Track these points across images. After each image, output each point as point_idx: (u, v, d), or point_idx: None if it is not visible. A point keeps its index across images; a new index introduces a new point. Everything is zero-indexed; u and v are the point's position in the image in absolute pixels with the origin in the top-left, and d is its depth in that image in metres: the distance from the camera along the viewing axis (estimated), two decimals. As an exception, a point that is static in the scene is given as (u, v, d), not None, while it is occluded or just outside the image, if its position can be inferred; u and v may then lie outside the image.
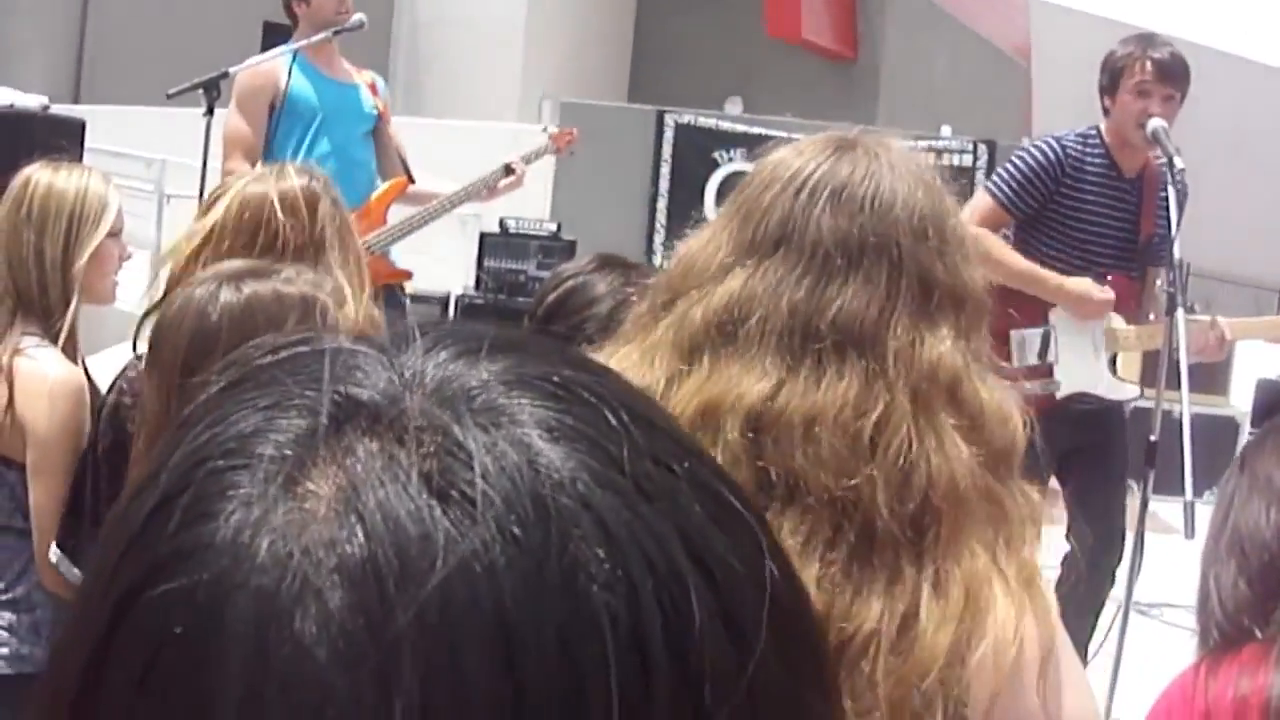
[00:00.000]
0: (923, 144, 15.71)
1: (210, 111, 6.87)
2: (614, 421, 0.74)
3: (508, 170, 7.38)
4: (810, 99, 26.59)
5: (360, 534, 0.67)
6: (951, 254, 1.97)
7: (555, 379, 0.75)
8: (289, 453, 0.71)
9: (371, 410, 0.72)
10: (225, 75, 6.96)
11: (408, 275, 7.37)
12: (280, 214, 3.85)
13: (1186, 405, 5.33)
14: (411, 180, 7.43)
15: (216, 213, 3.95)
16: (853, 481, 1.81)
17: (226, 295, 2.98)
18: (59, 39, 28.24)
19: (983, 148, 15.47)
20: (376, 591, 0.66)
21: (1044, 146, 6.43)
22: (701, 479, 0.76)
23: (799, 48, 28.91)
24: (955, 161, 15.55)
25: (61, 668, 0.73)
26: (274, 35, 7.55)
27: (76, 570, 3.84)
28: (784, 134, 15.62)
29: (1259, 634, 2.74)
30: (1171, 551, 6.29)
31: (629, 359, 1.97)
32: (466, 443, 0.70)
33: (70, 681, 0.71)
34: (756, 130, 15.13)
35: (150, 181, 16.96)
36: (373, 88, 7.56)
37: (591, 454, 0.71)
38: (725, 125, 15.25)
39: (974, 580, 1.81)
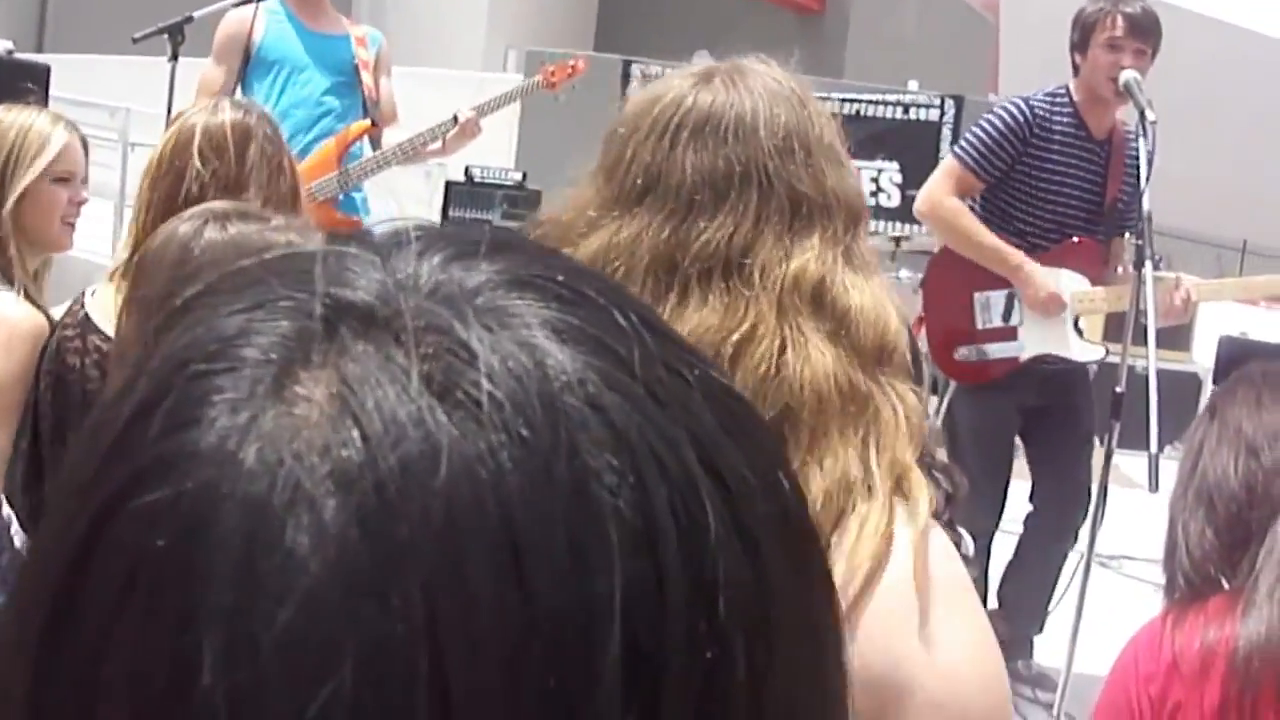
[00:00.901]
0: (890, 97, 15.73)
1: (175, 57, 6.83)
2: (624, 324, 0.71)
3: (454, 120, 7.32)
4: (777, 53, 26.56)
5: (357, 438, 0.64)
6: (818, 163, 1.97)
7: (559, 279, 0.72)
8: (276, 355, 0.67)
9: (365, 311, 0.69)
10: (190, 20, 6.93)
11: (355, 224, 7.27)
12: (202, 148, 3.85)
13: (1153, 358, 5.33)
14: (375, 126, 7.37)
15: (155, 148, 3.95)
16: None
17: (211, 233, 2.97)
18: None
19: (950, 102, 15.40)
20: (375, 499, 0.63)
21: (1011, 108, 6.43)
22: (713, 388, 0.74)
23: (766, 2, 28.84)
24: (922, 116, 15.51)
25: (30, 592, 0.69)
26: (244, -15, 7.45)
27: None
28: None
29: (1225, 584, 2.78)
30: (1133, 505, 6.34)
31: None
32: (470, 342, 0.67)
33: (41, 606, 0.67)
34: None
35: (115, 130, 16.89)
36: (361, 41, 7.49)
37: (601, 356, 0.69)
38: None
39: (835, 482, 1.80)
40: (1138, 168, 5.80)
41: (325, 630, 0.61)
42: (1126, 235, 6.34)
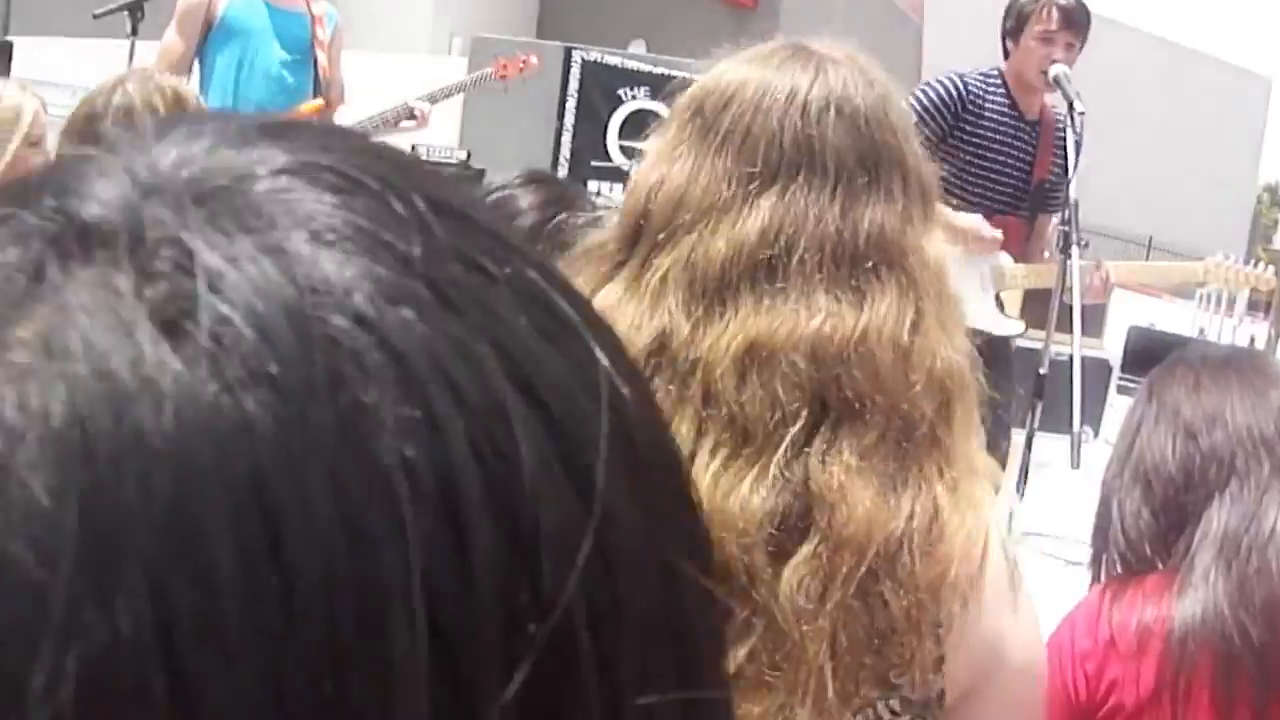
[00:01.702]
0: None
1: (134, 34, 6.76)
2: (404, 212, 0.55)
3: (410, 114, 7.26)
4: (711, 43, 26.61)
5: (63, 391, 0.49)
6: (919, 149, 1.92)
7: (334, 165, 0.56)
8: None
9: (94, 229, 0.53)
10: (149, -2, 6.85)
11: None
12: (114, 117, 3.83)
13: (1078, 341, 5.36)
14: (328, 105, 7.34)
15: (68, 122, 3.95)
16: (910, 393, 1.74)
17: None
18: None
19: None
20: (85, 466, 0.48)
21: (945, 81, 6.41)
22: (528, 283, 0.58)
23: (701, -5, 28.95)
24: (848, 109, 15.59)
25: None
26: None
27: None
28: (687, 75, 15.54)
29: (1160, 564, 2.75)
30: (1048, 484, 6.32)
31: (611, 297, 1.81)
32: (201, 254, 0.51)
33: None
34: (660, 70, 15.05)
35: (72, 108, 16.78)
36: (319, 20, 7.45)
37: (375, 257, 0.53)
38: (631, 64, 15.16)
39: (969, 472, 1.77)
40: (1065, 152, 5.79)
41: (40, 629, 0.46)
42: (1054, 220, 6.33)
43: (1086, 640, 2.73)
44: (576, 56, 14.36)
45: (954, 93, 6.31)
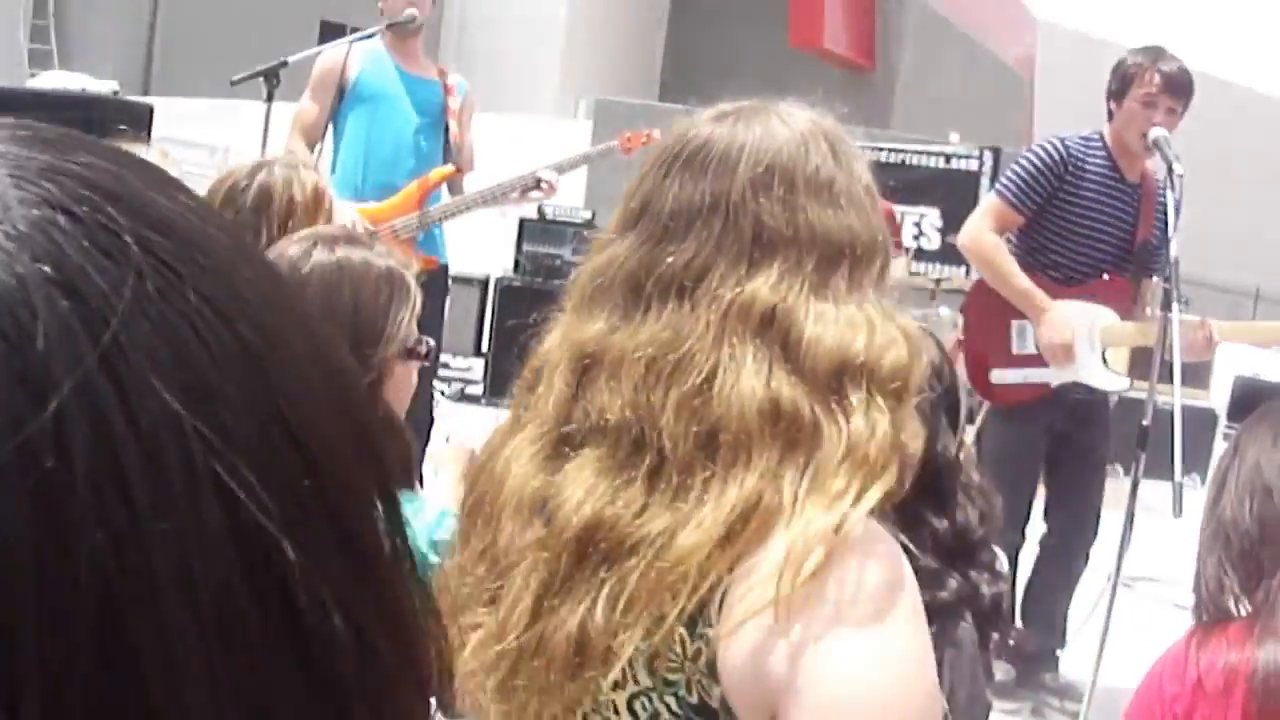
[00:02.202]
0: (933, 148, 15.71)
1: (269, 99, 6.85)
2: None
3: (537, 183, 7.28)
4: (830, 105, 26.58)
5: None
6: (798, 198, 1.93)
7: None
8: None
9: None
10: (284, 64, 6.92)
11: (432, 263, 7.26)
12: (249, 204, 3.88)
13: (1179, 393, 5.31)
14: (459, 171, 7.39)
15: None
16: (644, 409, 1.82)
17: (320, 254, 2.96)
18: (130, 33, 28.31)
19: (988, 154, 15.38)
20: None
21: (1048, 145, 6.37)
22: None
23: (819, 58, 28.89)
24: (962, 166, 15.51)
25: None
26: (329, 32, 7.55)
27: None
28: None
29: (1239, 612, 2.75)
30: (1155, 531, 6.29)
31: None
32: None
33: None
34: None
35: (214, 169, 17.01)
36: (450, 89, 7.52)
37: None
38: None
39: (749, 499, 1.74)
40: (1166, 213, 5.78)
41: None
42: (1155, 279, 6.31)
43: (1175, 683, 2.73)
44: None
45: (1056, 156, 6.28)
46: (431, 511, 2.86)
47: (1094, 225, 6.32)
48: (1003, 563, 3.12)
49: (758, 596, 1.69)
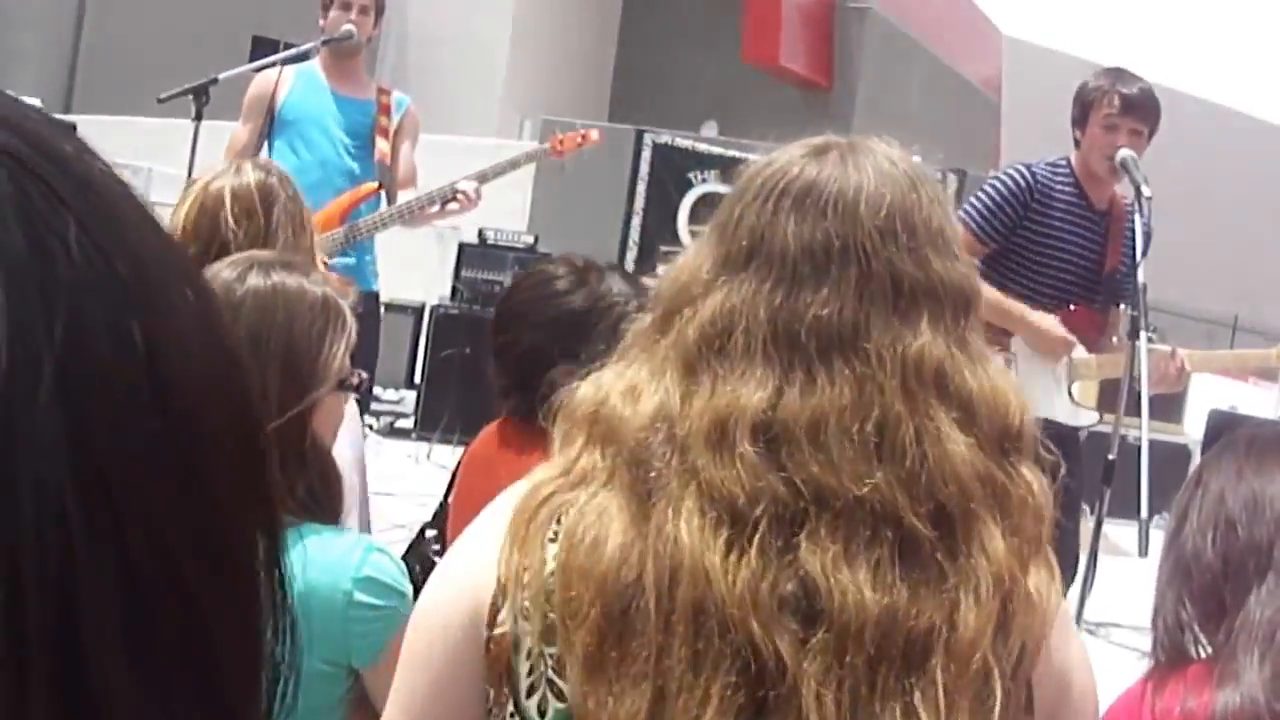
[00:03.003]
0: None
1: (199, 118, 6.83)
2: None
3: (453, 196, 7.21)
4: (785, 125, 26.57)
5: None
6: (922, 247, 1.93)
7: None
8: None
9: None
10: (214, 82, 6.93)
11: (349, 284, 7.19)
12: (232, 210, 3.85)
13: (1146, 426, 5.30)
14: (382, 189, 7.36)
15: (179, 211, 3.95)
16: (870, 483, 1.79)
17: (255, 279, 2.93)
18: (52, 49, 28.26)
19: (953, 176, 15.46)
20: None
21: (1013, 173, 6.37)
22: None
23: (775, 76, 28.99)
24: (924, 190, 15.57)
25: None
26: (262, 48, 7.57)
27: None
28: (757, 157, 15.60)
29: (1198, 654, 2.72)
30: (1121, 572, 6.28)
31: (638, 377, 1.94)
32: None
33: None
34: (732, 153, 15.14)
35: (139, 189, 16.96)
36: (386, 107, 7.51)
37: None
38: (702, 147, 15.24)
39: (998, 564, 1.80)
40: (1135, 239, 5.78)
41: None
42: (1122, 306, 6.30)
43: None
44: (648, 139, 14.42)
45: (1022, 183, 6.27)
46: (356, 547, 2.82)
47: (1060, 255, 6.31)
48: None
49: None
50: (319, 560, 2.56)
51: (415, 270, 13.52)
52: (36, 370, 0.59)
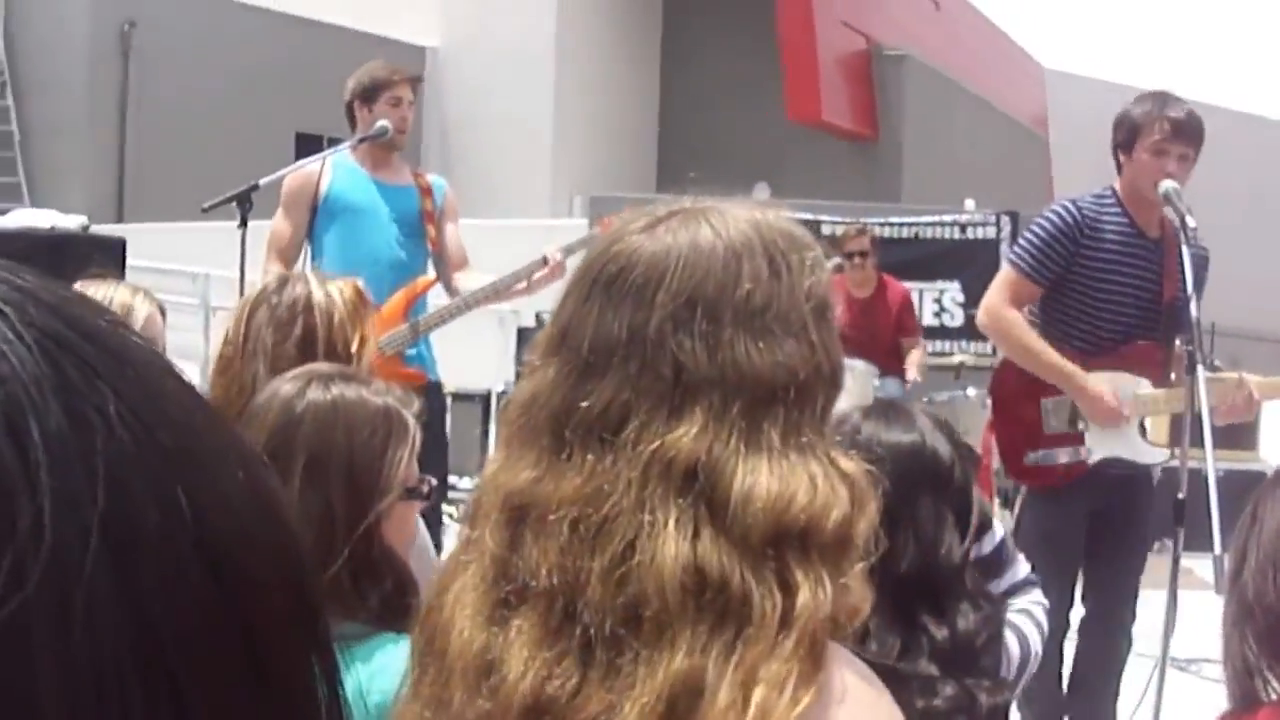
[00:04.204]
0: (947, 218, 15.74)
1: (244, 223, 6.87)
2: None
3: (544, 261, 7.16)
4: (835, 179, 26.66)
5: None
6: (723, 331, 1.83)
7: None
8: None
9: None
10: (256, 188, 6.98)
11: (419, 378, 7.20)
12: (280, 321, 3.88)
13: (1210, 461, 5.25)
14: (438, 280, 7.40)
15: (229, 326, 3.98)
16: (568, 576, 1.75)
17: (314, 393, 2.98)
18: (100, 159, 28.49)
19: (1005, 219, 15.48)
20: None
21: (1060, 210, 6.31)
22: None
23: (821, 131, 28.99)
24: (979, 234, 15.58)
25: None
26: (307, 145, 7.58)
27: None
28: (809, 215, 15.68)
29: (1266, 696, 2.67)
30: (1207, 607, 6.25)
31: None
32: None
33: None
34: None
35: (196, 295, 17.11)
36: (427, 191, 7.53)
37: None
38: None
39: (676, 683, 1.68)
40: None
41: None
42: (1174, 341, 6.25)
43: None
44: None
45: (1070, 220, 6.21)
46: None
47: (1117, 288, 6.25)
48: (1011, 667, 3.12)
49: None
50: (392, 669, 2.62)
51: (479, 358, 13.55)
52: (84, 542, 0.60)
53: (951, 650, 2.82)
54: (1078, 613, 6.47)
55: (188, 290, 17.77)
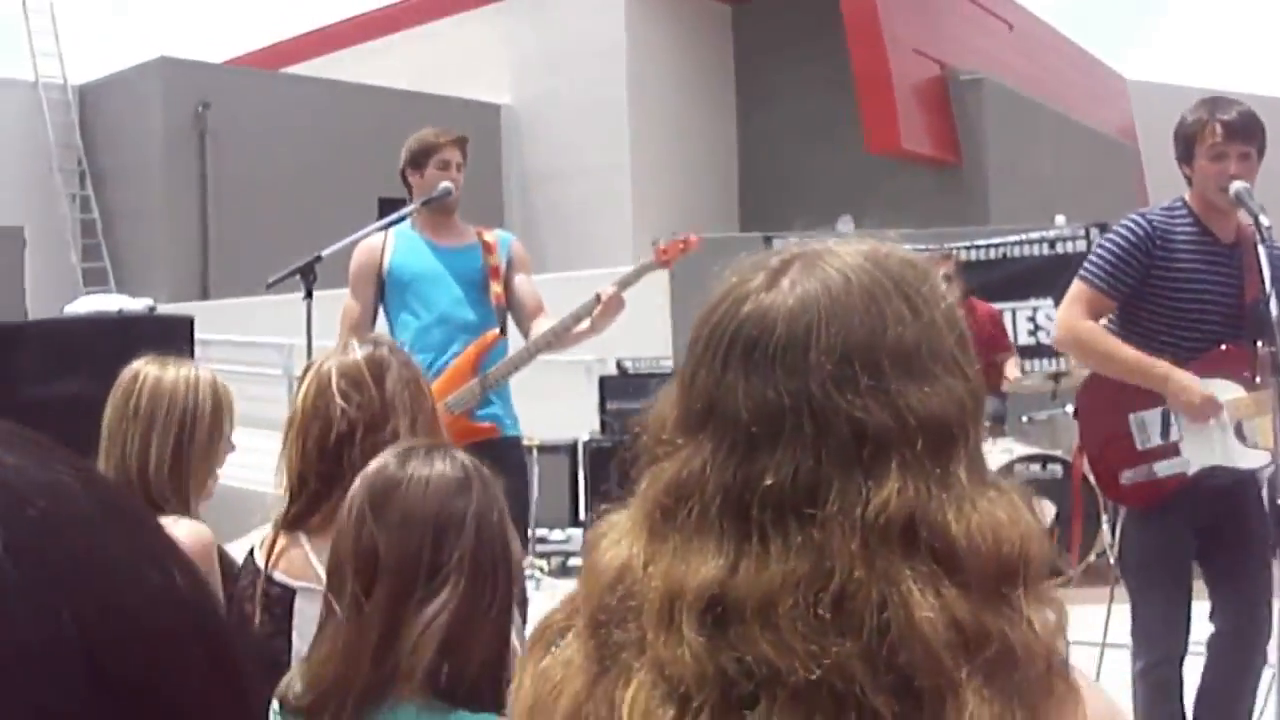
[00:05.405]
0: (1035, 235, 15.63)
1: (309, 295, 6.89)
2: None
3: (597, 299, 7.14)
4: (921, 207, 26.55)
5: None
6: (887, 382, 1.75)
7: None
8: None
9: None
10: (319, 259, 7.01)
11: (491, 431, 7.19)
12: (339, 386, 3.87)
13: None
14: (503, 333, 7.39)
15: (296, 396, 3.98)
16: (825, 662, 1.64)
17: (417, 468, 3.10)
18: (183, 237, 28.87)
19: (1094, 231, 15.32)
20: None
21: (1129, 224, 6.26)
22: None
23: (902, 160, 28.92)
24: (1069, 249, 15.43)
25: None
26: (390, 210, 7.58)
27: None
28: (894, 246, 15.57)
29: None
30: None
31: (625, 524, 1.88)
32: None
33: None
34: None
35: (281, 365, 17.29)
36: (490, 247, 7.54)
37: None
38: (831, 243, 15.25)
39: None
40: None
41: None
42: (1258, 344, 6.14)
43: None
44: (776, 245, 14.44)
45: (1140, 232, 6.18)
46: None
47: (1196, 296, 6.17)
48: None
49: None
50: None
51: (563, 409, 13.57)
52: None
53: None
54: (1199, 633, 6.32)
55: (276, 361, 17.99)
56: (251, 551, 3.94)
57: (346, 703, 2.97)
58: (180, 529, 4.07)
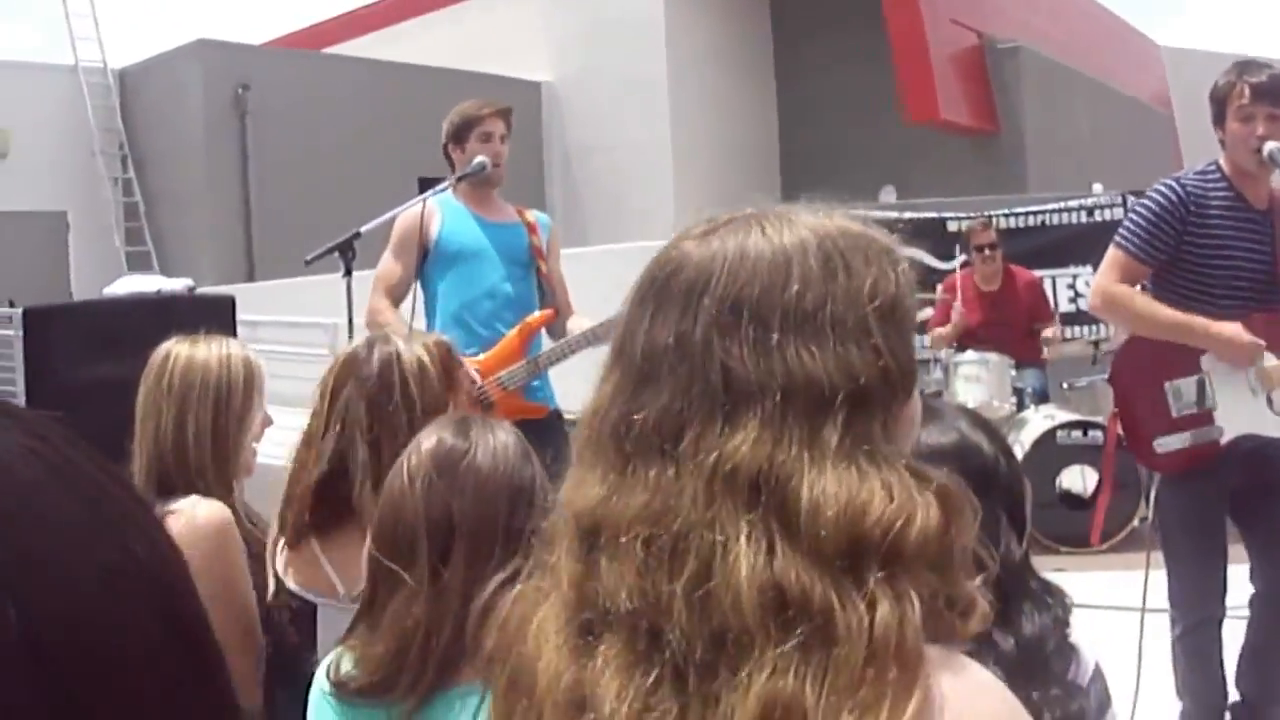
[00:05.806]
0: (1073, 203, 15.58)
1: (348, 272, 6.88)
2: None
3: None
4: (960, 176, 26.46)
5: None
6: (771, 335, 1.75)
7: None
8: None
9: None
10: (358, 236, 7.00)
11: (542, 411, 7.23)
12: (396, 381, 3.89)
13: None
14: (556, 313, 7.42)
15: (320, 385, 4.00)
16: (652, 598, 1.67)
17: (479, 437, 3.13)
18: (226, 219, 28.82)
19: (1131, 199, 15.25)
20: None
21: (1163, 189, 6.26)
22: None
23: (941, 130, 28.79)
24: (1107, 216, 15.39)
25: None
26: (429, 189, 7.56)
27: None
28: (934, 214, 15.58)
29: None
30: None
31: None
32: None
33: None
34: (908, 215, 15.10)
35: (327, 345, 17.30)
36: (532, 227, 7.57)
37: None
38: (875, 214, 15.19)
39: (769, 705, 1.58)
40: None
41: None
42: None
43: None
44: (816, 217, 14.43)
45: (1174, 198, 6.18)
46: None
47: (1229, 261, 6.17)
48: (1084, 671, 2.95)
49: None
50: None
51: (591, 382, 13.58)
52: None
53: (1018, 660, 2.69)
54: (1239, 595, 6.32)
55: (322, 341, 17.98)
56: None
57: (425, 673, 2.95)
58: (201, 509, 4.07)
